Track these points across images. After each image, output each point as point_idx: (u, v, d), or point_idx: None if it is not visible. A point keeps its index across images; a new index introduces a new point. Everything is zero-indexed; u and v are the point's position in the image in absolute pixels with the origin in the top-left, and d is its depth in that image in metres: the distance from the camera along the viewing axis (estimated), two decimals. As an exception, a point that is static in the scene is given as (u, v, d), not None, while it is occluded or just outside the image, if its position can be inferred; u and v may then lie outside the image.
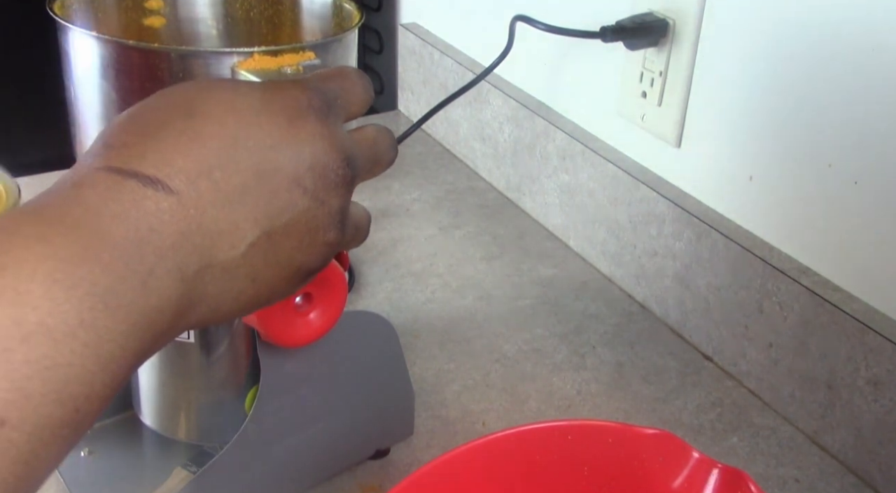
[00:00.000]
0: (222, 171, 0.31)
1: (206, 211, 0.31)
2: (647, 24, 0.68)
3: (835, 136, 0.57)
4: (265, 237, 0.33)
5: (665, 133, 0.71)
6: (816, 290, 0.59)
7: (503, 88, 0.89)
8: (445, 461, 0.45)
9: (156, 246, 0.29)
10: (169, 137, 0.31)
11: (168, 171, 0.30)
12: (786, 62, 0.60)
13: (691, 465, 0.46)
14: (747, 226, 0.66)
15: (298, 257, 0.34)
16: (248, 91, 0.33)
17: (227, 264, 0.32)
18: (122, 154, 0.30)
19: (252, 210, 0.32)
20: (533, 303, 0.76)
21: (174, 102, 0.32)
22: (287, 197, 0.33)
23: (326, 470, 0.56)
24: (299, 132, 0.33)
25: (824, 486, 0.58)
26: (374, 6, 1.09)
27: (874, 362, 0.56)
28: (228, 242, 0.32)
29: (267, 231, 0.32)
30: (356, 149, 0.36)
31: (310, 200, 0.33)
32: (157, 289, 0.29)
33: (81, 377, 0.26)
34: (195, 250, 0.30)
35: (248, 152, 0.32)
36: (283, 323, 0.45)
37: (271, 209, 0.32)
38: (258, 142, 0.32)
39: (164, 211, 0.30)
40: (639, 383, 0.67)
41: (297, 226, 0.33)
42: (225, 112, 0.32)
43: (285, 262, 0.34)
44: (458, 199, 0.92)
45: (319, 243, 0.35)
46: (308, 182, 0.33)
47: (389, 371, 0.55)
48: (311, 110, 0.34)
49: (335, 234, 0.35)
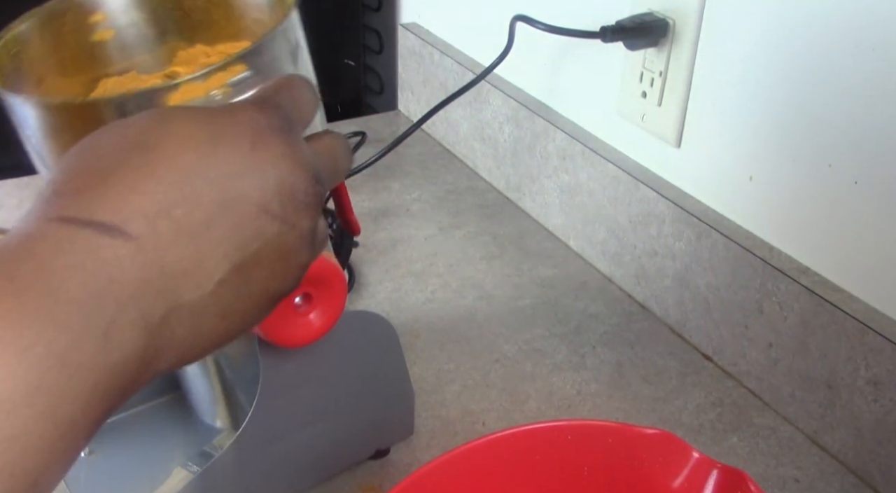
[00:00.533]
0: (183, 207, 0.29)
1: (168, 252, 0.29)
2: (647, 24, 0.68)
3: (835, 136, 0.57)
4: (235, 271, 0.31)
5: (665, 133, 0.71)
6: (816, 290, 0.59)
7: (503, 88, 0.89)
8: (445, 461, 0.45)
9: (116, 297, 0.27)
10: (124, 176, 0.29)
11: (125, 214, 0.28)
12: (786, 62, 0.60)
13: (691, 465, 0.46)
14: (747, 226, 0.66)
15: (272, 285, 0.33)
16: (205, 118, 0.31)
17: (196, 305, 0.30)
18: (74, 202, 0.28)
19: (219, 244, 0.30)
20: (533, 303, 0.76)
21: (126, 136, 0.30)
22: (255, 225, 0.31)
23: (326, 470, 0.56)
24: (263, 155, 0.31)
25: (824, 486, 0.58)
26: (374, 6, 1.09)
27: (874, 362, 0.56)
28: (195, 282, 0.30)
29: (236, 264, 0.31)
30: (319, 163, 0.35)
31: (279, 225, 0.32)
32: (119, 343, 0.27)
33: (39, 448, 0.25)
34: (159, 296, 0.29)
35: (210, 184, 0.30)
36: (283, 323, 0.45)
37: (239, 241, 0.31)
38: (219, 171, 0.30)
39: (124, 258, 0.28)
40: (639, 383, 0.67)
41: (267, 254, 0.32)
42: (181, 144, 0.30)
43: (258, 292, 0.32)
44: (458, 199, 0.92)
45: (292, 267, 0.33)
46: (276, 207, 0.31)
47: (389, 371, 0.55)
48: (273, 130, 0.32)
49: (307, 255, 0.34)
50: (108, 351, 0.27)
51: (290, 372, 0.49)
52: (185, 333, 0.30)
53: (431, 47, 1.00)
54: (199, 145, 0.30)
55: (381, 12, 1.09)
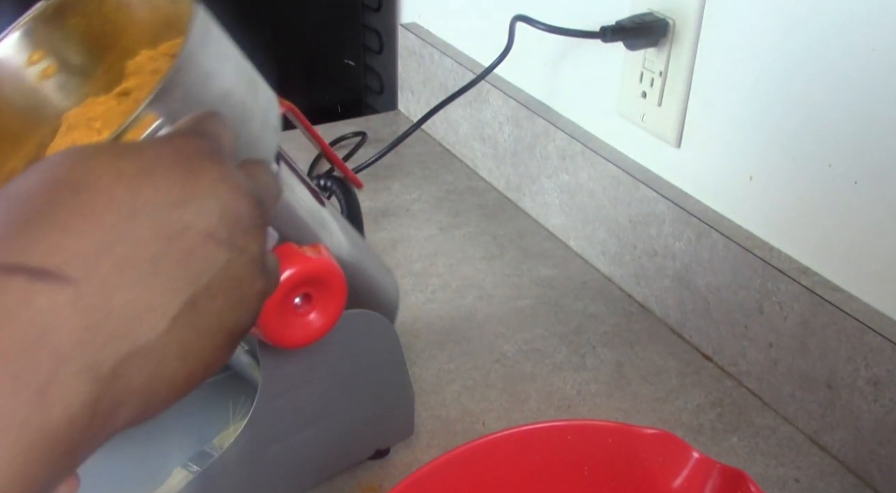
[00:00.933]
0: (125, 244, 0.28)
1: (114, 294, 0.27)
2: (647, 24, 0.68)
3: (835, 136, 0.57)
4: (189, 306, 0.29)
5: (665, 133, 0.71)
6: (816, 290, 0.59)
7: (503, 88, 0.89)
8: (445, 461, 0.45)
9: (54, 348, 0.25)
10: (55, 217, 0.27)
11: (61, 257, 0.26)
12: (786, 62, 0.60)
13: (691, 465, 0.46)
14: (747, 226, 0.66)
15: (230, 318, 0.31)
16: (133, 153, 0.30)
17: (152, 348, 0.28)
18: (1, 249, 0.26)
19: (168, 280, 0.29)
20: (533, 303, 0.76)
21: (51, 178, 0.28)
22: (204, 255, 0.30)
23: (326, 470, 0.56)
24: (199, 182, 0.30)
25: (824, 486, 0.58)
26: (374, 6, 1.09)
27: (874, 362, 0.56)
28: (148, 324, 0.28)
29: (189, 299, 0.29)
30: (257, 186, 0.34)
31: (228, 251, 0.30)
32: (61, 399, 0.25)
33: None
34: (108, 342, 0.27)
35: (150, 218, 0.28)
36: (283, 324, 0.45)
37: (189, 273, 0.29)
38: (157, 204, 0.29)
39: (62, 305, 0.26)
40: (639, 383, 0.67)
41: (221, 284, 0.30)
42: (113, 181, 0.28)
43: (216, 327, 0.31)
44: (458, 199, 0.92)
45: (248, 297, 0.32)
46: (223, 233, 0.30)
47: (389, 371, 0.55)
48: (205, 156, 0.31)
49: (262, 281, 0.32)
50: (46, 408, 0.25)
51: (290, 372, 0.49)
52: (145, 380, 0.28)
53: (431, 47, 1.00)
54: (130, 180, 0.29)
55: (381, 12, 1.09)
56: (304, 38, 1.06)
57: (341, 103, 1.13)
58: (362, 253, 0.55)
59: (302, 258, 0.44)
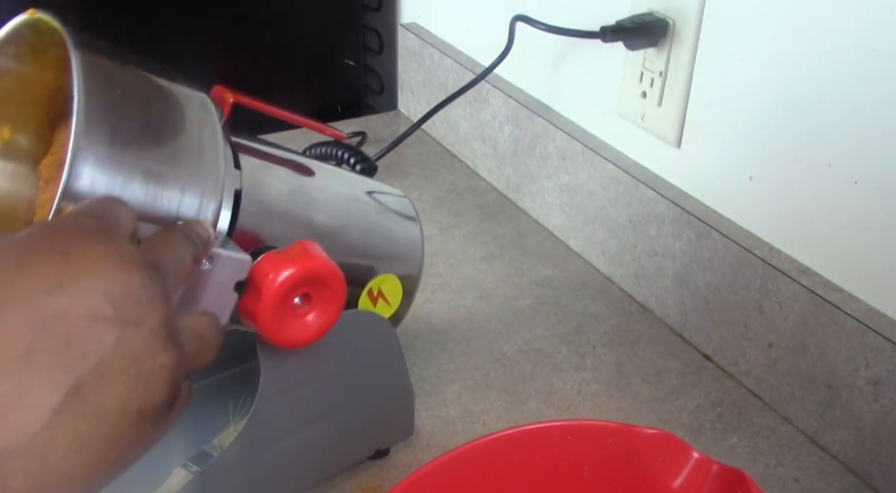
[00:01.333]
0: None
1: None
2: (647, 24, 0.68)
3: (835, 136, 0.57)
4: (74, 394, 0.28)
5: (665, 133, 0.71)
6: (816, 290, 0.59)
7: (503, 88, 0.89)
8: (445, 461, 0.45)
9: None
10: None
11: None
12: (785, 62, 0.60)
13: (691, 465, 0.46)
14: (747, 226, 0.66)
15: (133, 398, 0.29)
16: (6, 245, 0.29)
17: (32, 445, 0.27)
18: None
19: (45, 370, 0.27)
20: (533, 303, 0.76)
21: None
22: (87, 338, 0.28)
23: (326, 470, 0.56)
24: (81, 263, 0.29)
25: (824, 486, 0.58)
26: (374, 6, 1.09)
27: (874, 362, 0.56)
28: (23, 419, 0.27)
29: (74, 386, 0.28)
30: (156, 254, 0.33)
31: (118, 329, 0.29)
32: None
33: None
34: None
35: (21, 308, 0.28)
36: (283, 324, 0.45)
37: (69, 360, 0.28)
38: (29, 292, 0.28)
39: None
40: (639, 383, 0.67)
41: (112, 365, 0.29)
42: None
43: (116, 410, 0.29)
44: (458, 199, 0.92)
45: (151, 372, 0.30)
46: (108, 311, 0.29)
47: (389, 371, 0.55)
48: (86, 235, 0.30)
49: (169, 354, 0.31)
50: None
51: (290, 372, 0.49)
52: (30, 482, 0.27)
53: (431, 47, 1.00)
54: (3, 273, 0.28)
55: (381, 12, 1.09)
56: (304, 38, 1.06)
57: (341, 103, 1.13)
58: (367, 206, 0.56)
59: (302, 259, 0.44)
